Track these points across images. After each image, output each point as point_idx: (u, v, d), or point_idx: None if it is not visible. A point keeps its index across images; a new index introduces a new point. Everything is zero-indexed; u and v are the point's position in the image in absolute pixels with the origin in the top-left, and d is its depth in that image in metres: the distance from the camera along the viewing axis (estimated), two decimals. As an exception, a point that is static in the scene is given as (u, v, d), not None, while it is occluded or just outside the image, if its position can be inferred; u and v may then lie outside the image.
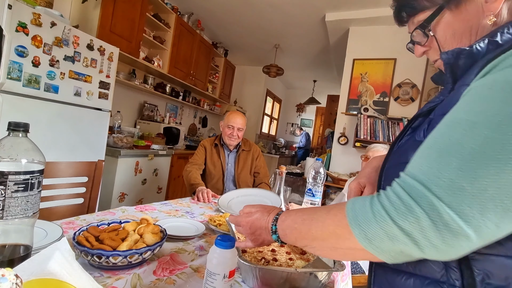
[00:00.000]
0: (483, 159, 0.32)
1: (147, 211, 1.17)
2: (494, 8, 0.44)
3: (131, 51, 2.66)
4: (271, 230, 0.55)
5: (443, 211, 0.32)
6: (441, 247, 0.33)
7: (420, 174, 0.35)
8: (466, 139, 0.34)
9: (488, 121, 0.33)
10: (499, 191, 0.31)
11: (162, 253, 0.80)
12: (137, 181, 2.58)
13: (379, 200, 0.38)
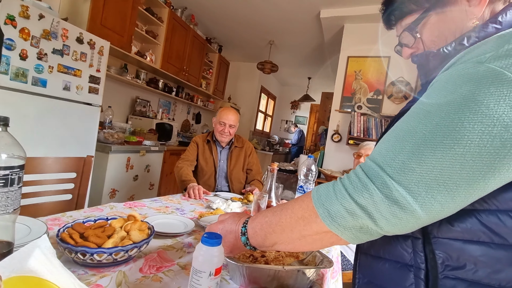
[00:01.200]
0: (431, 143, 0.35)
1: (136, 207, 1.15)
2: (477, 12, 0.47)
3: (122, 45, 2.61)
4: (240, 232, 0.55)
5: (394, 188, 0.36)
6: (392, 220, 0.37)
7: (378, 157, 0.39)
8: (420, 126, 0.37)
9: (439, 110, 0.36)
10: (442, 173, 0.34)
11: (150, 250, 0.79)
12: (129, 177, 2.55)
13: (340, 181, 0.42)
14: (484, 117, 0.33)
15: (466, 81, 0.35)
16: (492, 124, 0.33)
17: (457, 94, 0.35)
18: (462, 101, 0.34)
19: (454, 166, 0.34)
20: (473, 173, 0.34)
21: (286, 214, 0.47)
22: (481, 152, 0.33)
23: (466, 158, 0.34)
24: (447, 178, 0.34)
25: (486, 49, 0.36)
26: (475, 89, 0.34)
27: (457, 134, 0.34)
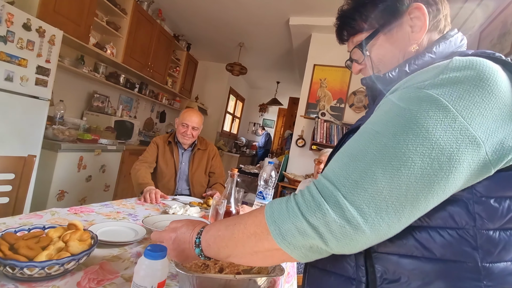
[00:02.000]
0: (381, 164, 0.37)
1: (82, 213, 1.06)
2: (418, 38, 0.53)
3: (79, 36, 2.42)
4: (194, 244, 0.53)
5: (346, 209, 0.36)
6: (343, 241, 0.37)
7: (332, 175, 0.39)
8: (371, 146, 0.38)
9: (387, 131, 0.38)
10: (391, 194, 0.36)
11: (92, 261, 0.73)
12: (81, 178, 2.36)
13: (294, 198, 0.41)
14: (424, 140, 0.35)
15: (408, 104, 0.38)
16: (431, 147, 0.35)
17: (402, 116, 0.38)
18: (406, 123, 0.37)
19: (401, 187, 0.35)
20: (417, 194, 0.35)
21: (239, 229, 0.46)
22: (423, 173, 0.35)
23: (411, 179, 0.35)
24: (395, 199, 0.35)
25: (425, 77, 0.40)
26: (416, 112, 0.37)
27: (403, 155, 0.36)
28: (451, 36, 0.52)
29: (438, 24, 0.54)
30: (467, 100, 0.36)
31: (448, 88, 0.37)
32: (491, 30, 1.76)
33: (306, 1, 2.84)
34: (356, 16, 0.57)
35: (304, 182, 2.02)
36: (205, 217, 1.22)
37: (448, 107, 0.36)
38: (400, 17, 0.53)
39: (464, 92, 0.36)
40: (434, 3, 0.53)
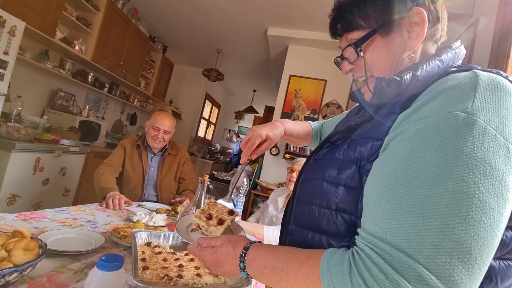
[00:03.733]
0: (459, 217, 0.30)
1: (33, 219, 0.97)
2: (413, 45, 0.49)
3: (44, 29, 2.26)
4: (239, 267, 0.48)
5: (435, 285, 0.29)
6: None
7: (397, 240, 0.31)
8: (435, 194, 0.31)
9: (449, 172, 0.31)
10: (480, 252, 0.30)
11: (39, 273, 0.65)
12: (36, 180, 2.16)
13: (359, 271, 0.33)
14: (493, 178, 0.31)
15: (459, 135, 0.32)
16: (499, 184, 0.31)
17: (459, 151, 0.32)
18: (468, 159, 0.31)
19: (488, 241, 0.30)
20: (496, 241, 0.31)
21: (287, 281, 0.40)
22: (500, 217, 0.31)
23: (493, 228, 0.30)
24: (485, 256, 0.30)
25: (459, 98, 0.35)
26: (472, 145, 0.32)
27: (479, 202, 0.30)
28: (456, 48, 0.50)
29: (435, 34, 0.51)
30: (509, 125, 0.33)
31: (490, 113, 0.33)
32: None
33: (284, 13, 2.92)
34: (355, 11, 0.51)
35: (277, 191, 2.02)
36: (172, 225, 1.16)
37: (499, 136, 0.32)
38: (400, 19, 0.49)
39: (504, 117, 0.33)
40: (435, 10, 0.49)
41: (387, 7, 0.49)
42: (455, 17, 1.76)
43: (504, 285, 0.38)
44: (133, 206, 1.42)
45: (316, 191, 0.47)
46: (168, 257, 0.81)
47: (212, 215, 0.62)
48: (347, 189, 0.43)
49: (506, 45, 1.30)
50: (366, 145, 0.43)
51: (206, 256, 0.53)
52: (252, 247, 0.48)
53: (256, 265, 0.45)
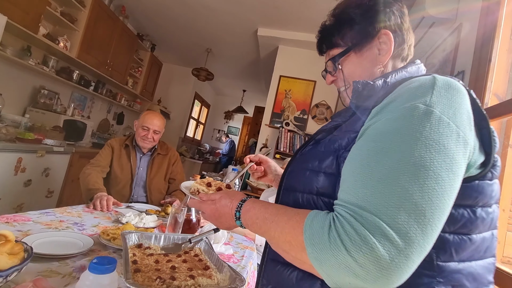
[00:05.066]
0: (417, 185, 0.36)
1: (16, 222, 0.93)
2: (383, 60, 0.59)
3: (26, 24, 2.17)
4: (235, 216, 0.56)
5: (394, 239, 0.35)
6: (393, 275, 0.34)
7: (367, 204, 0.37)
8: (399, 168, 0.38)
9: (411, 151, 0.38)
10: (433, 214, 0.36)
11: (24, 278, 0.63)
12: (18, 182, 2.08)
13: (335, 227, 0.38)
14: (445, 156, 0.38)
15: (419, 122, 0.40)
16: (450, 161, 0.38)
17: (419, 133, 0.39)
18: (426, 141, 0.38)
19: (439, 205, 0.36)
20: (448, 206, 0.38)
21: (275, 230, 0.46)
22: (450, 187, 0.38)
23: (444, 195, 0.37)
24: (437, 218, 0.36)
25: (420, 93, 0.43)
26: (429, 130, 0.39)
27: (434, 173, 0.37)
28: (419, 64, 0.60)
29: (401, 52, 0.62)
30: (460, 116, 0.41)
31: (445, 105, 0.41)
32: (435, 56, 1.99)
33: (275, 14, 2.93)
34: (335, 32, 0.63)
35: (267, 191, 2.02)
36: (162, 227, 1.14)
37: (451, 124, 0.40)
38: (371, 39, 0.59)
39: (456, 109, 0.41)
40: (400, 33, 0.60)
41: (360, 29, 0.59)
42: (440, 22, 1.82)
43: (460, 257, 0.44)
44: (122, 207, 1.39)
45: (300, 180, 0.54)
46: (160, 259, 0.79)
47: (211, 184, 0.70)
48: (326, 176, 0.50)
49: (488, 49, 1.35)
50: (344, 138, 0.50)
51: (206, 208, 0.61)
52: (248, 201, 0.55)
53: (250, 216, 0.52)
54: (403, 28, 0.60)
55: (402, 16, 0.60)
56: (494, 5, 1.39)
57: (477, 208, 0.45)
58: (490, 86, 1.31)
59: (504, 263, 1.10)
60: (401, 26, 0.60)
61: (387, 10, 0.59)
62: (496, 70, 1.31)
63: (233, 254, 1.09)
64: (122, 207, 1.39)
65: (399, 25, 0.60)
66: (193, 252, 0.90)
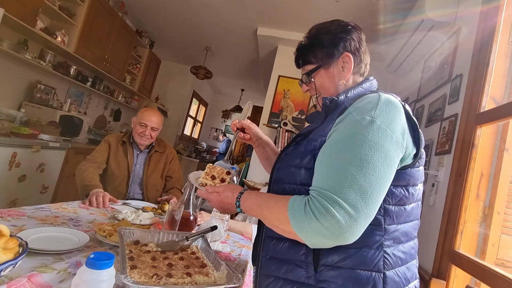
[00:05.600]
0: (362, 173, 0.53)
1: (10, 217, 0.91)
2: (345, 76, 0.76)
3: (23, 17, 2.15)
4: (235, 205, 0.71)
5: (346, 208, 0.51)
6: (347, 233, 0.51)
7: (328, 186, 0.54)
8: (350, 161, 0.55)
9: (358, 149, 0.55)
10: (372, 191, 0.53)
11: (18, 273, 0.62)
12: (12, 176, 2.05)
13: (309, 204, 0.55)
14: (381, 152, 0.55)
15: (366, 129, 0.57)
16: (384, 155, 0.56)
17: (364, 137, 0.56)
18: (369, 142, 0.55)
19: (375, 185, 0.54)
20: (383, 186, 0.55)
21: (267, 211, 0.63)
22: (385, 173, 0.55)
23: (380, 179, 0.54)
24: (375, 194, 0.54)
25: (369, 108, 0.60)
26: (372, 135, 0.56)
27: (373, 165, 0.54)
28: (372, 80, 0.78)
29: (359, 70, 0.78)
30: (395, 124, 0.58)
31: (384, 117, 0.58)
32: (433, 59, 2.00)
33: (275, 14, 2.93)
34: (309, 52, 0.78)
35: (264, 190, 2.02)
36: (159, 224, 1.13)
37: (387, 130, 0.57)
38: (336, 59, 0.75)
39: (392, 119, 0.58)
40: (358, 54, 0.76)
41: (328, 51, 0.76)
42: (439, 26, 1.83)
43: (398, 221, 0.63)
44: (118, 204, 1.38)
45: (287, 174, 0.68)
46: (157, 256, 0.79)
47: (215, 176, 0.81)
48: (306, 170, 0.64)
49: (486, 53, 1.37)
50: (317, 140, 0.65)
51: (212, 198, 0.75)
52: (245, 192, 0.71)
53: (248, 203, 0.69)
54: (361, 50, 0.77)
55: (360, 41, 0.76)
56: (493, 10, 1.40)
57: (409, 187, 0.64)
58: (488, 90, 1.32)
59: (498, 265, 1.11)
60: (359, 49, 0.76)
61: (348, 37, 0.75)
62: (493, 74, 1.32)
63: (230, 253, 1.09)
64: (118, 204, 1.38)
65: (358, 48, 0.76)
66: (190, 250, 0.90)
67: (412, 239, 0.67)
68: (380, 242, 0.60)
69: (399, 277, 0.61)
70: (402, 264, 0.63)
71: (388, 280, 0.59)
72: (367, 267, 0.58)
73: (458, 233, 1.25)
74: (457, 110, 1.45)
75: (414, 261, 0.68)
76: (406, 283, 0.63)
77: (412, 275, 0.65)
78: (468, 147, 1.30)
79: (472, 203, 1.25)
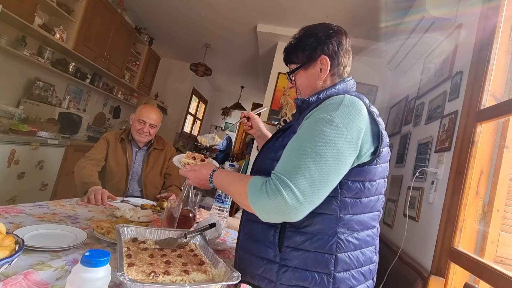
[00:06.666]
0: (314, 164, 0.61)
1: (8, 214, 0.91)
2: (322, 77, 0.82)
3: (21, 13, 2.13)
4: (209, 181, 0.80)
5: (295, 192, 0.59)
6: (292, 212, 0.60)
7: (284, 171, 0.62)
8: (306, 153, 0.62)
9: (315, 143, 0.63)
10: (320, 181, 0.61)
11: (15, 270, 0.62)
12: (11, 174, 2.05)
13: (265, 185, 0.62)
14: (333, 148, 0.63)
15: (324, 127, 0.65)
16: (336, 151, 0.63)
17: (321, 133, 0.64)
18: (325, 138, 0.63)
19: (324, 176, 0.61)
20: (332, 179, 0.63)
21: (232, 187, 0.74)
22: (335, 167, 0.63)
23: (329, 172, 0.62)
24: (323, 184, 0.61)
25: (331, 109, 0.67)
26: (329, 132, 0.64)
27: (324, 159, 0.62)
28: (348, 81, 0.83)
29: (337, 71, 0.83)
30: (352, 125, 0.65)
31: (343, 117, 0.65)
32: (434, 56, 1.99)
33: (274, 10, 2.91)
34: (293, 53, 0.87)
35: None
36: (158, 221, 1.13)
37: (344, 130, 0.64)
38: (314, 62, 0.82)
39: (350, 120, 0.65)
40: (336, 57, 0.82)
41: (308, 54, 0.83)
42: (439, 23, 1.82)
43: (353, 212, 0.71)
44: (117, 201, 1.37)
45: (263, 165, 0.77)
46: (155, 254, 0.79)
47: (195, 157, 0.97)
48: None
49: (487, 51, 1.35)
50: (290, 136, 0.71)
51: (190, 175, 0.86)
52: (217, 170, 0.80)
53: (218, 180, 0.79)
54: (339, 54, 0.82)
55: (339, 45, 0.82)
56: (493, 7, 1.39)
57: (365, 182, 0.71)
58: (488, 87, 1.31)
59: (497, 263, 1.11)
60: (337, 52, 0.82)
61: (327, 41, 0.81)
62: (494, 71, 1.31)
63: (228, 250, 1.09)
64: (117, 201, 1.38)
65: (336, 52, 0.82)
66: (188, 247, 0.90)
67: (369, 228, 0.74)
68: (335, 229, 0.69)
69: (351, 259, 0.70)
70: (355, 249, 0.71)
71: (339, 261, 0.69)
72: (322, 249, 0.68)
73: (457, 231, 1.25)
74: (457, 107, 1.44)
75: (371, 247, 0.76)
76: (358, 266, 0.72)
77: (367, 259, 0.74)
78: (468, 144, 1.29)
79: (472, 200, 1.24)
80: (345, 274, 0.69)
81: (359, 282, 0.72)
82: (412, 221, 1.60)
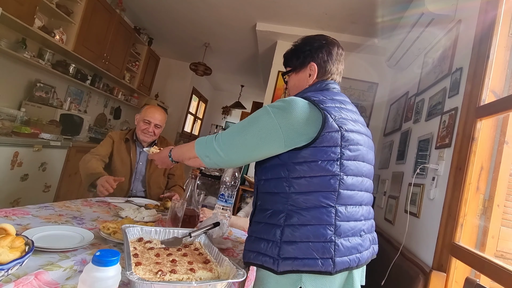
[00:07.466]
0: (240, 135, 0.82)
1: (15, 216, 0.92)
2: (310, 81, 0.95)
3: (21, 15, 2.14)
4: (169, 157, 1.03)
5: (220, 150, 0.83)
6: (219, 160, 0.84)
7: (221, 138, 0.84)
8: (240, 128, 0.83)
9: (248, 122, 0.83)
10: (240, 147, 0.81)
11: (25, 271, 0.63)
12: (14, 176, 2.07)
13: (212, 141, 0.86)
14: (257, 128, 0.80)
15: (260, 112, 0.83)
16: (258, 131, 0.80)
17: (256, 116, 0.83)
18: (256, 120, 0.82)
19: (243, 145, 0.81)
20: (251, 150, 0.81)
21: (186, 152, 0.97)
22: (255, 142, 0.80)
23: (250, 143, 0.81)
24: (241, 150, 0.82)
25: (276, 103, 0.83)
26: (260, 116, 0.82)
27: (250, 134, 0.81)
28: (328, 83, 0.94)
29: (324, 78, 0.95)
30: (282, 115, 0.79)
31: (279, 111, 0.79)
32: (433, 53, 1.99)
33: (273, 9, 2.91)
34: (289, 58, 1.01)
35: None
36: (162, 221, 1.15)
37: (272, 117, 0.79)
38: (304, 67, 0.96)
39: (282, 112, 0.79)
40: (324, 65, 0.94)
41: (300, 61, 0.96)
42: (439, 19, 1.82)
43: (300, 190, 0.80)
44: (121, 202, 1.39)
45: None
46: (161, 253, 0.80)
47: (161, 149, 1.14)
48: None
49: (486, 46, 1.36)
50: None
51: (155, 157, 1.10)
52: (173, 148, 1.03)
53: (174, 153, 1.02)
54: (328, 63, 0.94)
55: (329, 55, 0.94)
56: (493, 2, 1.39)
57: (308, 163, 0.79)
58: (488, 83, 1.32)
59: (498, 257, 1.13)
60: (326, 61, 0.94)
61: (318, 51, 0.94)
62: (494, 67, 1.32)
63: (232, 248, 1.10)
64: (121, 201, 1.39)
65: (325, 61, 0.94)
66: (193, 246, 0.91)
67: (317, 207, 0.78)
68: (285, 205, 0.80)
69: (296, 231, 0.78)
70: (303, 223, 0.78)
71: (285, 232, 0.79)
72: (275, 221, 0.81)
73: (458, 226, 1.26)
74: (457, 103, 1.45)
75: (326, 225, 0.78)
76: (305, 239, 0.77)
77: (317, 235, 0.77)
78: (468, 140, 1.30)
79: (472, 196, 1.26)
80: (290, 245, 0.77)
81: (306, 255, 0.76)
82: (413, 217, 1.61)
